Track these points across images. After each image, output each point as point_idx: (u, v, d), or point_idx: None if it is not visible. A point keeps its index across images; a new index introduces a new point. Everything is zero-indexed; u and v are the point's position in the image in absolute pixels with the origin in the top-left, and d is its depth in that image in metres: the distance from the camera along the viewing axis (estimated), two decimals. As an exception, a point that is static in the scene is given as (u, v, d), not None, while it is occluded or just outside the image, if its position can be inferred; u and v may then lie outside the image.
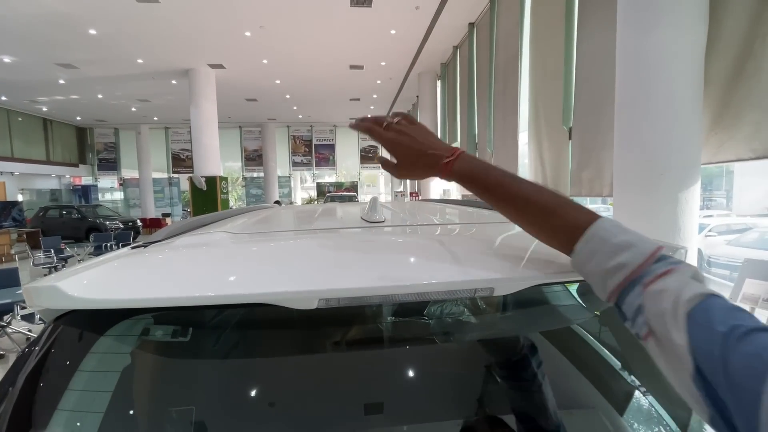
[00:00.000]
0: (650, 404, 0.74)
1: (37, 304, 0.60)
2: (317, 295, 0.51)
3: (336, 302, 0.52)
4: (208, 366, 0.71)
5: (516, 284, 0.56)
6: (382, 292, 0.53)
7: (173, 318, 0.65)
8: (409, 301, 0.55)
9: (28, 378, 0.61)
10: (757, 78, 2.64)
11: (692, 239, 2.85)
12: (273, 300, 0.52)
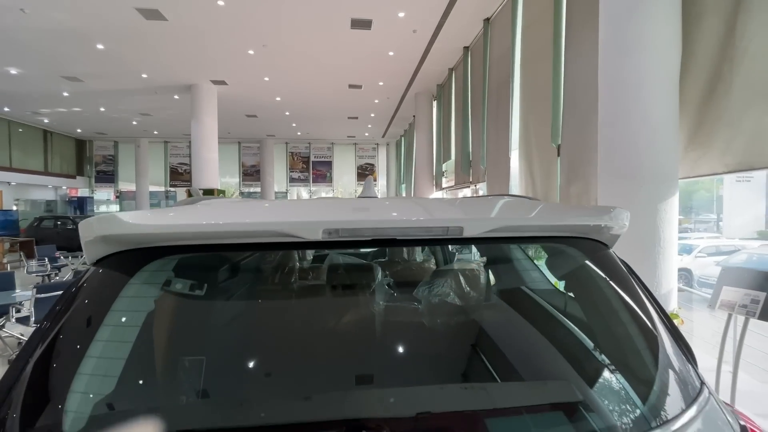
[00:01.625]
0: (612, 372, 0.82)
1: (92, 234, 0.71)
2: (322, 225, 0.64)
3: (336, 233, 0.64)
4: (220, 302, 0.84)
5: (483, 225, 0.69)
6: (373, 226, 0.65)
7: (194, 261, 0.77)
8: (394, 236, 0.67)
9: (71, 311, 0.72)
10: (727, 99, 2.85)
11: (672, 248, 3.00)
12: (286, 229, 0.64)
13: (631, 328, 0.81)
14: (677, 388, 0.72)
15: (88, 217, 0.76)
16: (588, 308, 0.92)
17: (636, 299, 0.84)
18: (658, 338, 0.78)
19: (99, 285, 0.73)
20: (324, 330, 0.82)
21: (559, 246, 0.90)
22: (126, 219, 0.66)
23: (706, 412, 0.69)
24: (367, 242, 0.76)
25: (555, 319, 0.95)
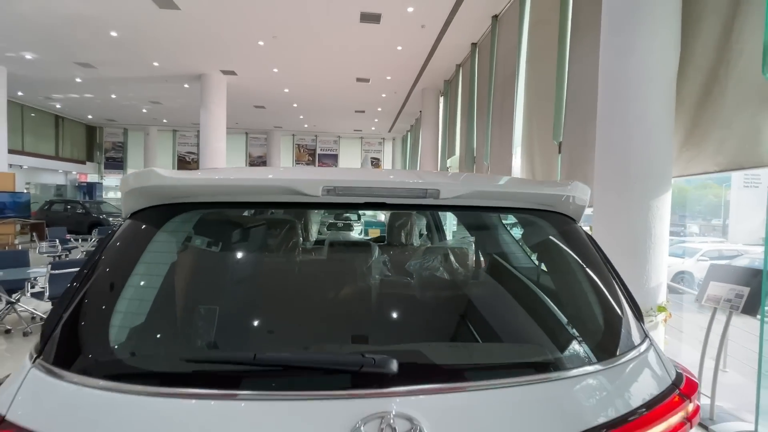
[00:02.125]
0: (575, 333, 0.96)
1: (129, 186, 0.84)
2: (322, 183, 0.77)
3: (334, 191, 0.77)
4: (233, 255, 0.98)
5: (458, 188, 0.82)
6: (365, 185, 0.79)
7: (212, 217, 0.91)
8: (382, 195, 0.80)
9: (109, 256, 0.85)
10: (721, 101, 2.93)
11: (663, 244, 3.10)
12: (292, 185, 0.77)
13: (591, 291, 0.94)
14: (625, 338, 0.86)
15: (127, 174, 0.89)
16: (556, 273, 1.05)
17: (597, 267, 0.97)
18: (613, 299, 0.91)
19: (132, 235, 0.87)
20: (324, 283, 0.96)
21: (532, 218, 1.03)
22: (161, 173, 0.80)
23: (645, 357, 0.83)
24: (359, 205, 0.89)
25: (527, 281, 1.09)
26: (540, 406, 0.74)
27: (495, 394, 0.74)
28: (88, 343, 0.72)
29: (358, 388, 0.69)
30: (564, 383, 0.78)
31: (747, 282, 2.70)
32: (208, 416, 0.65)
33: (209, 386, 0.67)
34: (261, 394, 0.67)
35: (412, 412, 0.67)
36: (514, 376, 0.77)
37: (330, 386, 0.69)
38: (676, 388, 0.82)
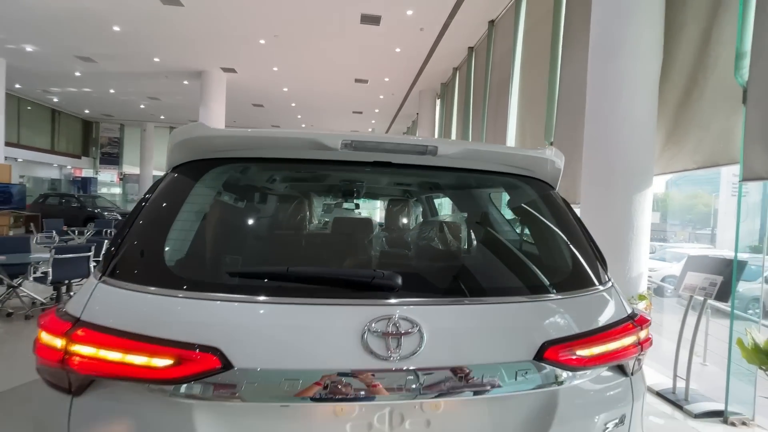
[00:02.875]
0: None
1: (179, 138, 1.00)
2: (341, 137, 0.93)
3: (351, 144, 0.93)
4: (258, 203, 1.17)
5: (454, 147, 0.98)
6: (377, 140, 0.95)
7: (241, 171, 1.08)
8: (390, 150, 0.97)
9: (148, 212, 1.00)
10: (700, 103, 3.14)
11: (644, 235, 3.29)
12: (316, 138, 0.93)
13: (565, 244, 1.11)
14: (591, 279, 1.04)
15: (177, 128, 1.05)
16: (536, 228, 1.23)
17: (570, 225, 1.14)
18: (582, 250, 1.09)
19: (173, 185, 1.02)
20: (343, 222, 1.15)
21: (517, 183, 1.20)
22: (206, 126, 0.98)
23: (607, 293, 1.02)
24: (369, 164, 1.05)
25: (513, 232, 1.28)
26: (514, 319, 0.91)
27: (481, 308, 0.91)
28: (143, 262, 0.87)
29: (370, 297, 0.85)
30: (537, 304, 0.95)
31: (720, 271, 2.89)
32: (245, 314, 0.80)
33: (248, 293, 0.83)
34: (291, 299, 0.83)
35: (412, 316, 0.83)
36: (494, 295, 0.94)
37: (348, 295, 0.85)
38: (631, 320, 0.99)
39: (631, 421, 0.98)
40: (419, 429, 0.85)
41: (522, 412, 0.90)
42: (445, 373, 0.80)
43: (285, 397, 0.76)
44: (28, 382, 2.89)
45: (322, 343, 0.80)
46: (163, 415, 0.76)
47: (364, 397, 0.77)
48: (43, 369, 0.81)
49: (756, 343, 2.38)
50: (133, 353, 0.75)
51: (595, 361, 0.90)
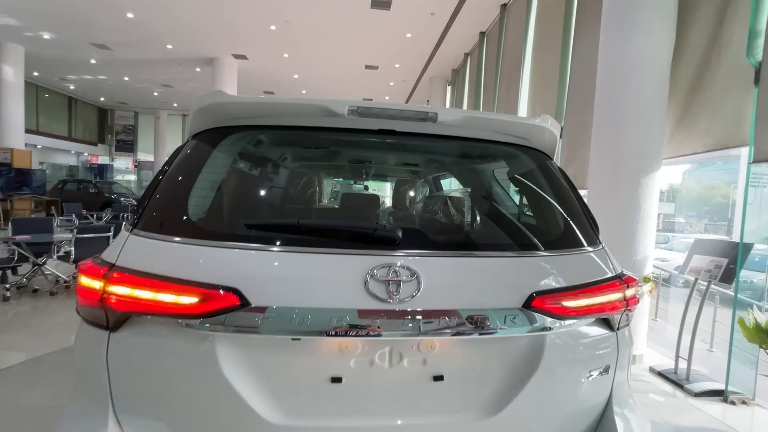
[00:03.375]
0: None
1: (200, 105, 1.08)
2: (347, 104, 1.01)
3: (356, 110, 1.01)
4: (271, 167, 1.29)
5: (453, 114, 1.05)
6: (381, 107, 1.03)
7: (255, 138, 1.17)
8: (394, 116, 1.04)
9: (173, 172, 1.09)
10: (712, 85, 3.10)
11: (650, 220, 3.30)
12: (325, 104, 1.01)
13: (559, 209, 1.18)
14: (582, 240, 1.11)
15: (198, 96, 1.13)
16: (533, 194, 1.30)
17: (565, 193, 1.20)
18: (576, 215, 1.15)
19: (195, 150, 1.11)
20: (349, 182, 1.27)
21: (516, 152, 1.26)
22: (225, 93, 1.07)
23: (598, 254, 1.08)
24: (375, 132, 1.13)
25: (510, 197, 1.36)
26: (505, 271, 0.98)
27: (475, 261, 0.98)
28: (168, 216, 0.96)
29: (372, 248, 0.93)
30: (528, 259, 1.02)
31: (726, 254, 2.90)
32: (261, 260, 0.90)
33: (264, 242, 0.92)
34: (301, 248, 0.92)
35: (410, 265, 0.91)
36: (487, 250, 1.01)
37: (353, 246, 0.93)
38: (619, 278, 1.05)
39: (616, 372, 1.05)
40: (416, 367, 0.93)
41: (510, 355, 0.98)
42: (439, 316, 0.88)
43: (295, 331, 0.85)
44: (56, 351, 3.09)
45: (329, 286, 0.89)
46: (189, 346, 0.86)
47: (366, 334, 0.85)
48: (83, 309, 0.92)
49: (757, 323, 2.41)
50: (163, 292, 0.84)
51: (580, 312, 0.97)
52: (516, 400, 0.94)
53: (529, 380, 0.95)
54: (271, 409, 0.88)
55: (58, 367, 2.82)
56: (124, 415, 0.88)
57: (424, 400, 0.94)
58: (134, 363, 0.87)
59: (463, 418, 0.94)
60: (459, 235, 1.31)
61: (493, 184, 1.50)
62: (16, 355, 2.98)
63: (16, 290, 4.67)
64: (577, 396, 1.01)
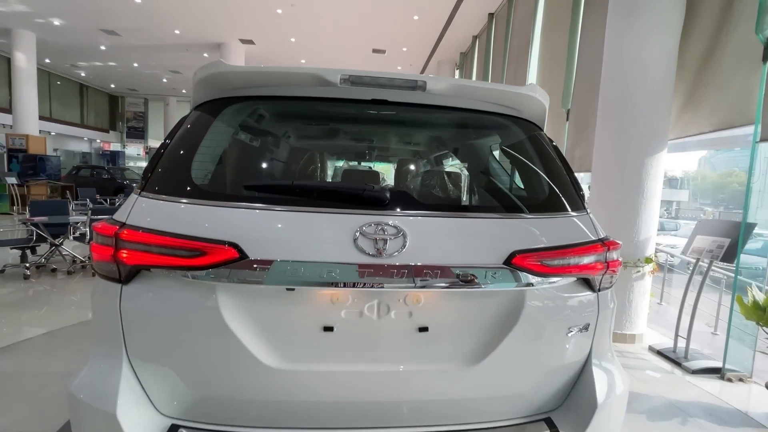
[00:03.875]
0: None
1: (201, 75, 1.14)
2: (339, 72, 1.05)
3: (348, 78, 1.05)
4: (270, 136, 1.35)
5: (441, 82, 1.08)
6: (371, 75, 1.07)
7: (253, 108, 1.22)
8: (385, 84, 1.08)
9: (177, 140, 1.15)
10: (720, 62, 3.05)
11: (654, 200, 3.29)
12: (318, 73, 1.05)
13: (545, 177, 1.22)
14: (567, 206, 1.15)
15: (199, 67, 1.19)
16: (520, 165, 1.34)
17: (552, 162, 1.23)
18: (561, 184, 1.19)
19: (197, 121, 1.17)
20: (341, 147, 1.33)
21: (507, 122, 1.29)
22: (224, 63, 1.12)
23: (583, 219, 1.13)
24: (367, 103, 1.17)
25: (496, 169, 1.41)
26: (489, 231, 1.03)
27: (459, 221, 1.04)
28: (173, 179, 1.03)
29: (362, 208, 0.99)
30: (512, 221, 1.07)
31: (728, 233, 2.90)
32: (258, 218, 0.97)
33: (261, 202, 0.99)
34: (296, 208, 0.98)
35: (397, 224, 0.97)
36: (472, 211, 1.06)
37: (344, 206, 0.99)
38: (601, 242, 1.09)
39: (596, 330, 1.10)
40: (402, 318, 1.00)
41: (491, 309, 1.03)
42: (423, 271, 0.94)
43: (289, 282, 0.92)
44: (74, 324, 3.25)
45: (321, 242, 0.95)
46: (193, 296, 0.94)
47: (355, 285, 0.92)
48: (98, 264, 0.99)
49: (755, 300, 2.43)
50: (169, 247, 0.92)
51: (559, 270, 1.02)
52: (496, 352, 1.00)
53: (509, 333, 1.01)
54: (269, 355, 0.95)
55: (76, 339, 2.97)
56: (136, 359, 0.96)
57: (410, 349, 1.01)
58: (144, 312, 0.95)
59: (446, 367, 1.01)
60: (446, 197, 1.35)
61: (483, 153, 1.54)
62: (37, 328, 3.15)
63: (35, 269, 4.87)
64: (556, 350, 1.06)
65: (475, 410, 1.05)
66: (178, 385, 0.96)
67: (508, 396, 1.06)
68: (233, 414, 0.98)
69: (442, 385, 1.01)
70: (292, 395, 0.97)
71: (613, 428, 1.08)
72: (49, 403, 2.09)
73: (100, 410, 0.90)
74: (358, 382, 0.98)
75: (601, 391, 1.05)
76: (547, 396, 1.08)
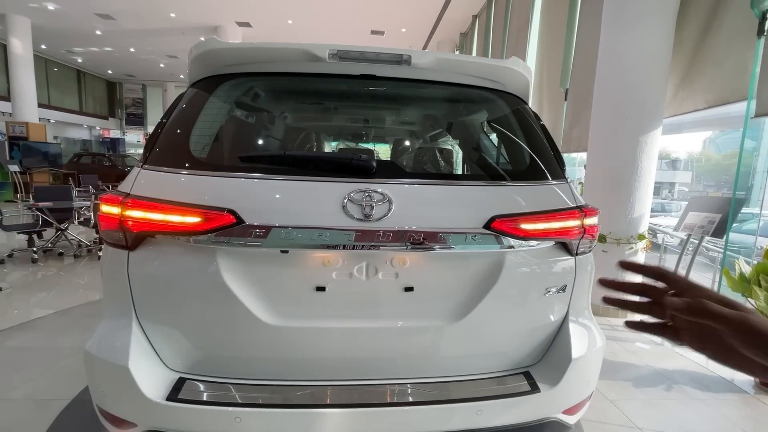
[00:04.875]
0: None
1: (196, 53, 1.19)
2: (327, 48, 1.10)
3: (336, 54, 1.10)
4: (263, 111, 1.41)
5: (426, 56, 1.13)
6: (359, 50, 1.12)
7: (248, 83, 1.27)
8: (372, 59, 1.13)
9: (175, 116, 1.20)
10: (718, 38, 3.04)
11: (648, 178, 3.33)
12: (305, 47, 1.10)
13: (527, 148, 1.27)
14: (548, 175, 1.20)
15: (194, 44, 1.24)
16: (504, 136, 1.39)
17: (534, 133, 1.29)
18: (542, 154, 1.24)
19: (193, 98, 1.22)
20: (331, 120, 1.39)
21: (492, 97, 1.34)
22: (218, 39, 1.16)
23: (562, 187, 1.19)
24: (356, 77, 1.22)
25: (480, 139, 1.47)
26: (470, 197, 1.09)
27: (442, 188, 1.10)
28: (173, 152, 1.10)
29: (350, 176, 1.05)
30: (492, 188, 1.13)
31: (720, 209, 2.95)
32: (253, 186, 1.04)
33: (256, 171, 1.05)
34: (288, 176, 1.04)
35: (384, 191, 1.03)
36: (455, 179, 1.13)
37: (333, 174, 1.06)
38: (579, 208, 1.15)
39: (573, 292, 1.17)
40: (389, 279, 1.07)
41: (472, 270, 1.10)
42: (407, 234, 1.01)
43: (283, 244, 0.99)
44: (81, 304, 3.37)
45: (311, 208, 1.02)
46: (195, 260, 1.01)
47: (344, 247, 0.99)
48: (106, 233, 1.06)
49: (742, 273, 2.50)
50: (170, 214, 0.99)
51: (536, 234, 1.08)
52: (477, 309, 1.08)
53: (489, 293, 1.08)
54: (266, 312, 1.03)
55: (85, 317, 3.09)
56: (145, 319, 1.04)
57: (397, 307, 1.08)
58: (151, 276, 1.03)
59: (431, 323, 1.08)
60: (431, 167, 1.42)
61: (468, 126, 1.59)
62: (47, 308, 3.26)
63: (42, 254, 4.98)
64: (534, 309, 1.14)
65: (458, 364, 1.13)
66: (183, 342, 1.05)
67: (489, 351, 1.14)
68: (235, 367, 1.06)
69: (426, 341, 1.10)
70: (288, 350, 1.05)
71: (587, 380, 1.16)
72: (65, 373, 2.20)
73: (114, 364, 0.98)
74: (349, 337, 1.07)
75: (575, 347, 1.13)
76: (526, 351, 1.17)
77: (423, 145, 1.65)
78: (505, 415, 1.06)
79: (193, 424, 0.97)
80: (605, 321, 3.39)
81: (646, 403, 2.19)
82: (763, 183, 14.01)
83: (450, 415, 1.03)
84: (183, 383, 1.02)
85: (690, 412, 2.13)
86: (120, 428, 1.03)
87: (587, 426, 1.93)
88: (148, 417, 0.99)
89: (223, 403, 0.98)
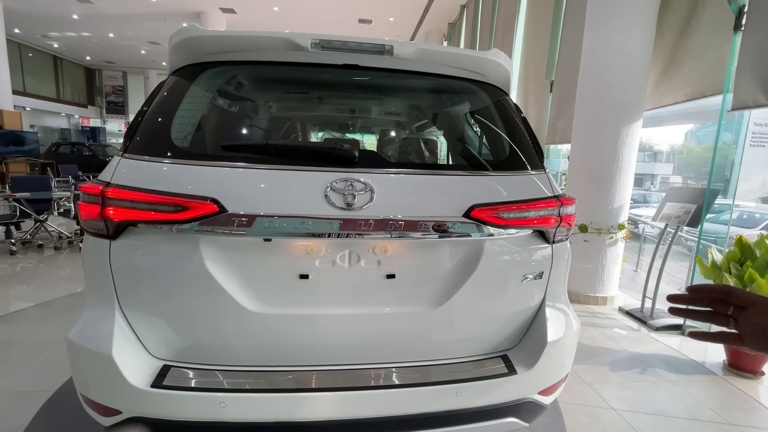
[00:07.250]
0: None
1: (176, 40, 1.17)
2: (309, 37, 1.10)
3: (318, 43, 1.10)
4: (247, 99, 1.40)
5: (408, 47, 1.14)
6: (341, 39, 1.12)
7: (231, 71, 1.26)
8: (354, 49, 1.13)
9: (156, 104, 1.19)
10: (697, 32, 3.11)
11: (629, 169, 3.41)
12: (289, 37, 1.10)
13: (507, 138, 1.30)
14: (527, 165, 1.23)
15: (174, 31, 1.22)
16: (484, 127, 1.42)
17: (514, 124, 1.31)
18: (522, 145, 1.27)
19: (174, 86, 1.21)
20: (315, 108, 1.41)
21: (474, 88, 1.35)
22: (198, 27, 1.15)
23: (540, 177, 1.22)
24: (339, 67, 1.22)
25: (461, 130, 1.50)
26: (450, 187, 1.12)
27: (422, 177, 1.12)
28: (154, 140, 1.09)
29: (333, 165, 1.06)
30: (471, 178, 1.16)
31: (695, 200, 3.05)
32: (236, 175, 1.04)
33: (238, 160, 1.05)
34: (271, 166, 1.05)
35: (366, 180, 1.05)
36: (435, 169, 1.15)
37: (316, 164, 1.07)
38: (556, 198, 1.19)
39: (549, 279, 1.21)
40: (371, 267, 1.10)
41: (452, 257, 1.14)
42: (389, 223, 1.03)
43: (265, 233, 1.00)
44: (63, 296, 3.32)
45: (294, 197, 1.03)
46: (179, 248, 1.02)
47: (327, 235, 1.01)
48: (86, 222, 1.06)
49: (714, 260, 2.61)
50: (152, 203, 0.98)
51: (514, 223, 1.12)
52: (456, 295, 1.11)
53: (468, 280, 1.11)
54: (250, 300, 1.05)
55: (67, 309, 3.04)
56: (128, 308, 1.04)
57: (379, 294, 1.11)
58: (133, 265, 1.03)
59: (412, 309, 1.11)
60: (413, 156, 1.45)
61: (450, 117, 1.61)
62: (28, 300, 3.20)
63: (21, 246, 4.86)
64: (511, 295, 1.18)
65: (439, 348, 1.17)
66: (168, 330, 1.05)
67: (468, 336, 1.18)
68: (220, 354, 1.08)
69: (408, 326, 1.13)
70: (272, 337, 1.07)
71: (562, 362, 1.21)
72: (47, 365, 2.18)
73: (97, 352, 0.99)
74: (332, 324, 1.09)
75: (551, 331, 1.17)
76: (504, 335, 1.21)
77: (406, 136, 1.68)
78: (483, 396, 1.10)
79: (178, 410, 0.99)
80: (586, 308, 3.50)
81: (621, 385, 2.28)
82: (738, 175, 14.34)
83: (430, 397, 1.07)
84: (168, 370, 1.03)
85: (662, 393, 2.23)
86: (104, 415, 1.03)
87: (565, 408, 2.01)
88: (133, 404, 0.99)
89: (208, 389, 0.99)
